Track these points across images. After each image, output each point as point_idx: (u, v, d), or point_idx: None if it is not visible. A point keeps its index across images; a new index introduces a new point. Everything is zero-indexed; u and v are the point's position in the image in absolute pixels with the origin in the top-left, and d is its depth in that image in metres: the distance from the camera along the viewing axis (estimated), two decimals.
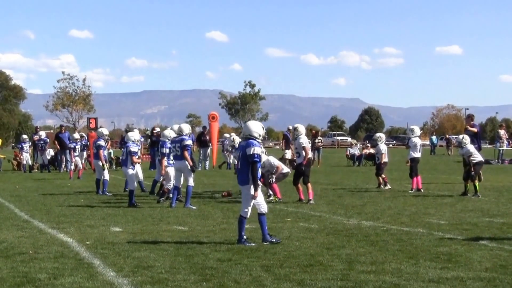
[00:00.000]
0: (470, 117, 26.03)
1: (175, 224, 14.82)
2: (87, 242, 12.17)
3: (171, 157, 19.67)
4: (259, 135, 12.07)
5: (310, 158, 20.08)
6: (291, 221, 15.34)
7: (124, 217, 16.17)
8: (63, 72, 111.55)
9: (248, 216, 11.91)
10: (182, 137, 18.81)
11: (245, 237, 11.87)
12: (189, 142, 18.78)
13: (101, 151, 22.97)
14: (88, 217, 16.17)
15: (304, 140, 19.58)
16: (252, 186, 11.82)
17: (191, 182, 18.49)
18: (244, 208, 11.91)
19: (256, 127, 12.14)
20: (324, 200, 20.44)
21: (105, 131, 24.56)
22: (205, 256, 10.70)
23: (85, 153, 38.07)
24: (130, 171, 19.10)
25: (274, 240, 11.89)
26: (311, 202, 19.25)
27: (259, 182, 11.97)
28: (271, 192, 19.84)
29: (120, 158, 19.86)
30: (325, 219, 15.74)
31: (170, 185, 19.66)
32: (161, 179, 20.91)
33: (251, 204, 11.91)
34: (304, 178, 19.55)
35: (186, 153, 18.40)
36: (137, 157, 19.60)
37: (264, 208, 12.03)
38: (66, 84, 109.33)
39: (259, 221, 12.00)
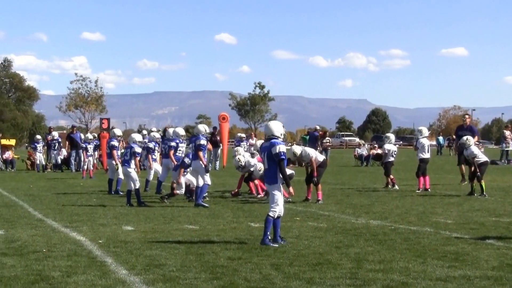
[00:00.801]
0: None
1: (186, 223, 14.82)
2: (100, 241, 12.18)
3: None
4: (281, 135, 12.02)
5: (325, 161, 20.28)
6: (300, 220, 15.33)
7: (136, 216, 16.18)
8: (76, 74, 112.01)
9: (276, 216, 11.78)
10: (198, 136, 18.86)
11: (270, 237, 11.77)
12: (203, 141, 18.75)
13: (114, 151, 23.00)
14: (100, 216, 16.19)
15: (312, 152, 19.75)
16: (281, 185, 11.77)
17: (208, 180, 18.52)
18: (272, 207, 11.77)
19: (278, 127, 12.10)
20: (332, 199, 20.42)
21: (118, 131, 24.63)
22: (215, 255, 10.70)
23: (96, 153, 38.13)
24: (132, 171, 19.00)
25: (271, 244, 11.61)
26: (319, 202, 19.23)
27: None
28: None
29: (123, 157, 19.79)
30: (334, 218, 15.72)
31: (182, 191, 19.66)
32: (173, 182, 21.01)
33: (280, 203, 11.85)
34: (317, 178, 19.54)
35: (200, 153, 18.44)
36: (139, 158, 19.69)
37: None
38: (79, 85, 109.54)
39: (265, 220, 11.89)
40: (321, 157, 20.09)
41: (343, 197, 21.33)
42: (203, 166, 18.44)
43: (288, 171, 19.83)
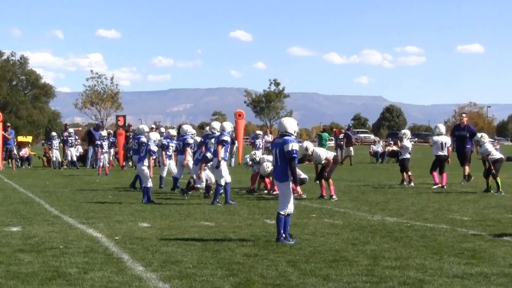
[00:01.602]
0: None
1: (202, 220, 14.83)
2: (116, 237, 12.21)
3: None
4: (294, 132, 11.95)
5: (336, 157, 20.27)
6: (316, 217, 15.31)
7: (152, 213, 16.21)
8: (91, 71, 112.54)
9: (286, 214, 11.71)
10: (222, 133, 18.89)
11: (284, 235, 11.71)
12: (226, 138, 18.74)
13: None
14: (116, 213, 16.23)
15: (322, 152, 19.75)
16: (290, 182, 11.72)
17: (227, 178, 18.47)
18: (283, 206, 11.71)
19: (292, 124, 12.01)
20: (348, 196, 20.38)
21: (145, 128, 24.87)
22: (232, 252, 10.70)
23: (112, 150, 38.25)
24: (145, 169, 19.01)
25: (286, 241, 11.59)
26: (333, 198, 19.20)
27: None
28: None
29: (135, 153, 20.00)
30: (350, 215, 15.69)
31: (203, 185, 19.68)
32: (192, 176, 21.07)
33: (291, 201, 11.82)
34: (328, 173, 19.53)
35: (219, 147, 18.44)
36: (154, 156, 19.72)
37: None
38: (95, 82, 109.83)
39: (276, 219, 11.82)
40: (331, 154, 20.08)
41: (358, 194, 21.30)
42: (217, 160, 18.35)
43: (303, 175, 19.85)
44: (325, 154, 19.83)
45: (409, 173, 24.76)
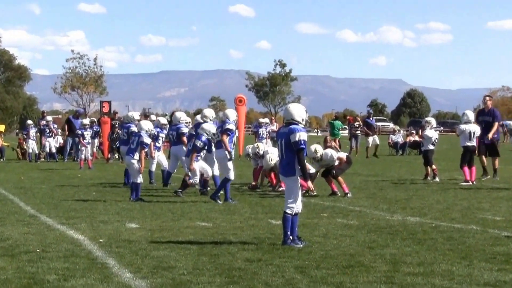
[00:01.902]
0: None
1: (198, 220, 14.85)
2: (101, 240, 12.22)
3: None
4: (302, 120, 11.84)
5: (349, 158, 20.36)
6: (327, 216, 15.32)
7: (141, 212, 16.23)
8: (72, 51, 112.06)
9: (294, 213, 11.67)
10: (226, 121, 18.85)
11: (291, 237, 11.70)
12: (231, 126, 18.76)
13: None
14: (101, 212, 16.25)
15: (333, 152, 19.76)
16: (298, 176, 11.69)
17: (231, 174, 18.43)
18: (290, 204, 11.68)
19: (299, 111, 11.89)
20: (364, 193, 20.39)
21: (136, 115, 24.60)
22: (232, 256, 10.71)
23: (96, 140, 38.26)
24: (135, 163, 18.98)
25: (294, 244, 11.58)
26: (348, 195, 19.22)
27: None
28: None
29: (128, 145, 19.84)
30: (366, 214, 15.70)
31: (197, 179, 19.63)
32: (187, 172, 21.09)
33: (299, 198, 11.80)
34: (336, 171, 19.50)
35: (224, 138, 18.43)
36: (147, 149, 19.73)
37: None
38: (76, 64, 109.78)
39: (283, 219, 11.80)
40: (344, 154, 20.15)
41: (376, 190, 21.31)
42: (227, 153, 18.37)
43: (312, 169, 19.82)
44: (337, 153, 19.84)
45: (434, 166, 24.76)
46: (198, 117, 21.16)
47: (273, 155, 20.45)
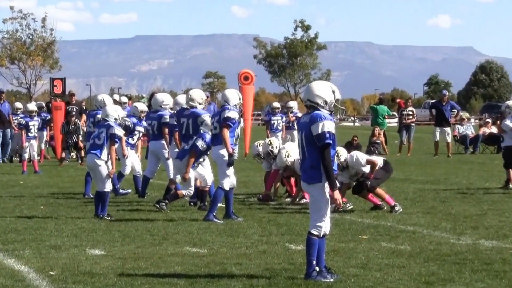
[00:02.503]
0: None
1: (188, 244, 14.88)
2: (51, 272, 12.25)
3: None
4: (328, 102, 11.76)
5: (388, 165, 20.08)
6: (368, 239, 15.33)
7: (108, 234, 16.25)
8: (11, 8, 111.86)
9: (322, 234, 11.70)
10: (225, 106, 18.66)
11: (317, 268, 11.70)
12: (232, 114, 18.51)
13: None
14: (52, 234, 16.27)
15: (361, 156, 19.64)
16: (326, 184, 11.72)
17: (232, 180, 18.38)
18: (316, 222, 11.70)
19: (324, 90, 11.81)
20: (420, 207, 20.37)
21: (107, 98, 24.28)
22: None
23: (45, 133, 38.20)
24: (102, 166, 18.90)
25: (322, 278, 11.68)
26: (396, 209, 19.18)
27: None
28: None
29: (91, 141, 19.63)
30: (422, 236, 15.71)
31: (191, 192, 19.55)
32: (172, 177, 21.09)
33: (328, 214, 11.81)
34: (371, 182, 19.43)
35: (225, 131, 18.18)
36: (117, 145, 19.54)
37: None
38: (16, 26, 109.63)
39: (307, 242, 11.85)
40: (380, 159, 19.96)
41: (436, 203, 21.29)
42: (228, 153, 18.22)
43: (380, 161, 19.78)
44: (366, 156, 19.72)
45: None
46: (180, 98, 20.95)
47: (292, 150, 20.39)
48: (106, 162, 18.84)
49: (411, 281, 11.55)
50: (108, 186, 18.86)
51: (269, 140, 22.26)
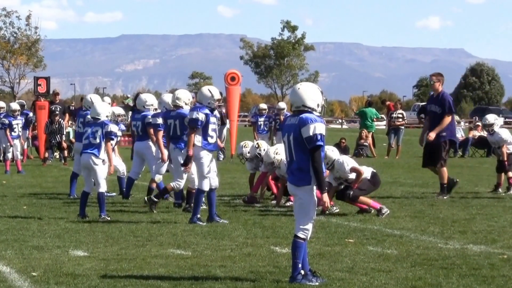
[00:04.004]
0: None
1: (172, 246, 14.89)
2: (34, 273, 12.25)
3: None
4: (318, 106, 11.81)
5: (376, 176, 19.97)
6: (354, 243, 15.35)
7: (92, 235, 16.25)
8: None
9: (309, 237, 11.76)
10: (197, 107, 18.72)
11: (302, 271, 11.70)
12: (200, 115, 18.52)
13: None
14: (35, 234, 16.27)
15: (348, 162, 19.58)
16: (314, 187, 11.72)
17: (213, 182, 18.36)
18: (302, 225, 11.71)
19: (312, 93, 11.82)
20: (407, 210, 20.40)
21: (95, 98, 24.26)
22: None
23: (28, 132, 38.12)
24: (99, 165, 18.92)
25: (307, 282, 11.72)
26: (383, 211, 19.17)
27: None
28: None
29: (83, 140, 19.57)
30: (409, 240, 15.73)
31: (180, 184, 19.61)
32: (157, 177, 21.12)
33: (313, 218, 11.81)
34: (354, 191, 19.35)
35: (191, 134, 18.25)
36: (115, 140, 19.53)
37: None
38: (0, 24, 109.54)
39: (293, 245, 11.86)
40: (368, 170, 19.90)
41: (424, 206, 21.31)
42: (187, 154, 18.25)
43: (366, 172, 19.77)
44: (353, 164, 19.62)
45: (510, 174, 24.70)
46: (166, 97, 20.98)
47: (281, 149, 20.39)
48: (103, 161, 18.83)
49: (397, 286, 11.57)
50: (104, 186, 18.86)
51: (257, 143, 22.29)
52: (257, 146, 21.82)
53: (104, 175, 18.85)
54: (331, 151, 19.48)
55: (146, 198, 20.13)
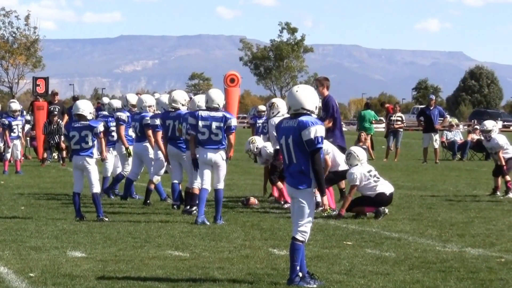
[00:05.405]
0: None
1: (170, 248, 14.89)
2: (31, 274, 12.24)
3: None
4: (316, 108, 11.87)
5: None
6: (353, 245, 15.36)
7: (90, 236, 16.24)
8: None
9: (307, 240, 11.78)
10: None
11: (300, 274, 11.71)
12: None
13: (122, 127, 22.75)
14: (32, 235, 16.26)
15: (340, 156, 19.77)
16: (315, 190, 11.72)
17: (205, 183, 18.46)
18: (300, 227, 11.74)
19: (310, 96, 11.88)
20: (405, 213, 20.39)
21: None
22: None
23: (25, 131, 38.05)
24: (91, 166, 18.91)
25: (304, 284, 11.72)
26: (381, 211, 19.15)
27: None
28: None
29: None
30: (407, 243, 15.73)
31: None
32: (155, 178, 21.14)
33: (311, 220, 11.84)
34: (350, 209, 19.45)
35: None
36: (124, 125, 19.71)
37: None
38: None
39: (291, 248, 11.88)
40: (342, 163, 19.89)
41: (422, 209, 21.31)
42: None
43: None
44: (359, 180, 19.57)
45: (508, 178, 24.70)
46: (163, 98, 21.01)
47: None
48: (95, 161, 18.83)
49: None
50: (98, 187, 18.84)
51: (252, 138, 22.37)
52: (252, 141, 21.90)
53: (97, 175, 18.82)
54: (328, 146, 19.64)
55: (182, 211, 20.07)
